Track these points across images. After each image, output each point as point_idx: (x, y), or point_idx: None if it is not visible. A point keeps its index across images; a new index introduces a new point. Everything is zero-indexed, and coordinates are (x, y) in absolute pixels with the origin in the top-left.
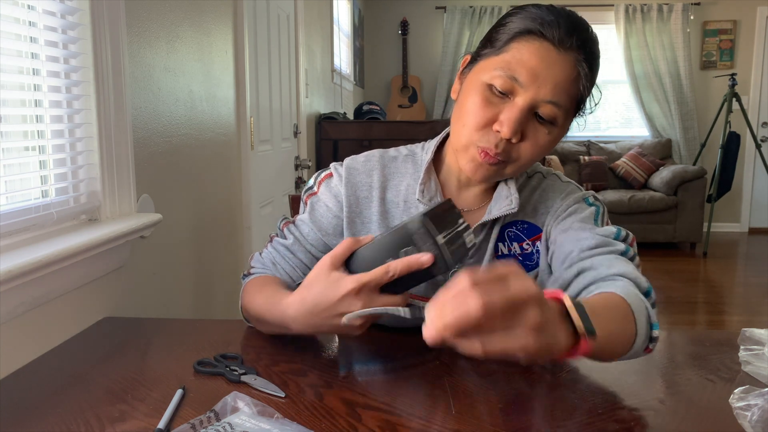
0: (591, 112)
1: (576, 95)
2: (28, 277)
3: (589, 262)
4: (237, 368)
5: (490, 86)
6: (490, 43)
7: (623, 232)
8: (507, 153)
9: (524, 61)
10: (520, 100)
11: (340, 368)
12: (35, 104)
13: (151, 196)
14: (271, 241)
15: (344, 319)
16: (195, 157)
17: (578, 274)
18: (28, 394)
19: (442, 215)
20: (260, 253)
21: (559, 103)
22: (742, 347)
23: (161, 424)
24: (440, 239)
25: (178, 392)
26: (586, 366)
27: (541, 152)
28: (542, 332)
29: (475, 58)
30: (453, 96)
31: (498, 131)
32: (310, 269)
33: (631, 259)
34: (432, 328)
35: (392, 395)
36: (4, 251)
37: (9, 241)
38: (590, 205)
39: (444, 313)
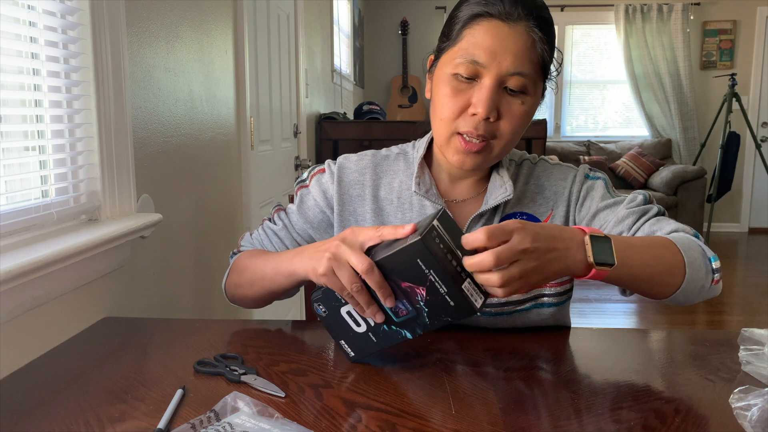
0: (558, 74)
1: (537, 60)
2: (28, 277)
3: (641, 234)
4: (237, 368)
5: (456, 75)
6: (446, 37)
7: (647, 195)
8: (489, 132)
9: (479, 43)
10: (487, 80)
11: (340, 368)
12: (35, 104)
13: (151, 196)
14: (262, 224)
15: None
16: (195, 157)
17: None
18: (28, 394)
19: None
20: (251, 234)
21: (523, 72)
22: (742, 347)
23: (161, 424)
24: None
25: (178, 392)
26: (586, 366)
27: (520, 124)
28: (540, 254)
29: (438, 54)
30: (427, 95)
31: (474, 114)
32: None
33: (663, 215)
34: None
35: (392, 395)
36: (4, 251)
37: (9, 241)
38: (594, 179)
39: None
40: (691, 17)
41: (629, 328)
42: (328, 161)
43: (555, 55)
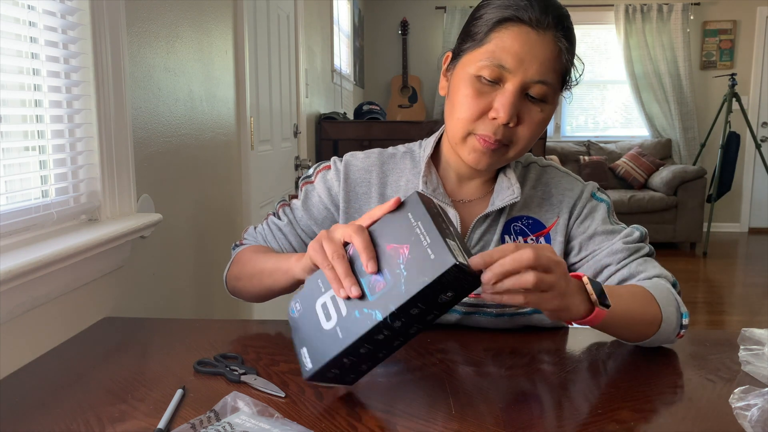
0: (576, 84)
1: (561, 70)
2: (28, 277)
3: (626, 270)
4: (237, 368)
5: (479, 77)
6: (470, 37)
7: (643, 232)
8: (506, 138)
9: (507, 47)
10: (511, 85)
11: None
12: (35, 104)
13: (151, 196)
14: (267, 218)
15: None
16: (195, 157)
17: (620, 282)
18: (28, 394)
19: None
20: (255, 228)
21: (547, 81)
22: (742, 347)
23: (161, 424)
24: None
25: (178, 392)
26: (586, 366)
27: (537, 131)
28: (564, 297)
29: (458, 53)
30: (441, 93)
31: (494, 118)
32: (297, 252)
33: (651, 255)
34: (489, 272)
35: (392, 395)
36: (4, 251)
37: (9, 241)
38: (599, 200)
39: (503, 262)
40: (691, 17)
41: None
42: (334, 158)
43: (576, 64)
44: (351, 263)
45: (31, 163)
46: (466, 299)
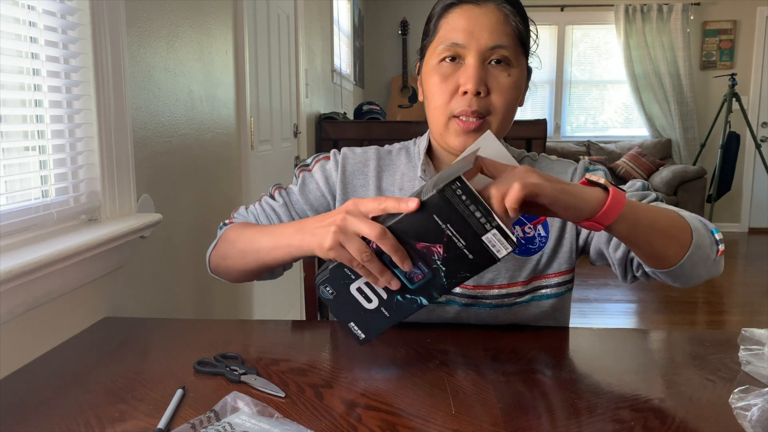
0: (536, 47)
1: (513, 33)
2: (28, 277)
3: None
4: (237, 368)
5: (440, 62)
6: (425, 35)
7: (646, 183)
8: (483, 108)
9: (456, 26)
10: (470, 58)
11: (340, 368)
12: (35, 104)
13: (151, 196)
14: (260, 200)
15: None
16: (195, 157)
17: None
18: (28, 394)
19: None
20: (246, 208)
21: (502, 44)
22: (742, 347)
23: (161, 424)
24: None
25: (178, 392)
26: (586, 366)
27: (510, 96)
28: (571, 190)
29: (422, 55)
30: (420, 98)
31: (465, 93)
32: None
33: (659, 200)
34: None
35: (392, 395)
36: (4, 251)
37: (9, 241)
38: (594, 171)
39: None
40: (691, 17)
41: (629, 328)
42: (333, 150)
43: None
44: (379, 256)
45: (31, 163)
46: (464, 291)
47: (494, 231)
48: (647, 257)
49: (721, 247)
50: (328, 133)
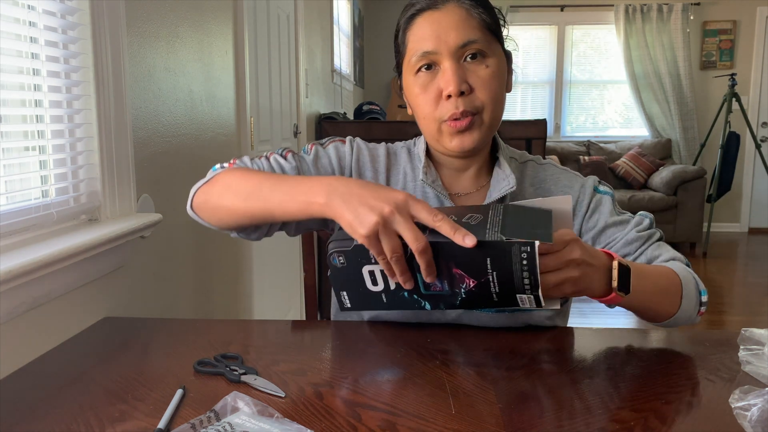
0: (507, 30)
1: (480, 25)
2: (28, 277)
3: (644, 257)
4: (237, 368)
5: (416, 74)
6: (396, 52)
7: (651, 219)
8: (471, 107)
9: (422, 35)
10: (445, 62)
11: (340, 368)
12: (35, 104)
13: (151, 196)
14: (268, 156)
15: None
16: (195, 157)
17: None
18: (28, 394)
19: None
20: (251, 159)
21: (471, 39)
22: (742, 347)
23: (161, 424)
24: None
25: (178, 392)
26: (586, 366)
27: (495, 87)
28: (583, 267)
29: (399, 72)
30: (409, 112)
31: (449, 96)
32: None
33: (662, 239)
34: None
35: (392, 395)
36: (4, 251)
37: (9, 241)
38: (603, 193)
39: None
40: (691, 17)
41: (629, 328)
42: (348, 137)
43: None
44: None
45: (31, 163)
46: None
47: (531, 296)
48: (639, 316)
49: (704, 309)
50: (328, 133)
